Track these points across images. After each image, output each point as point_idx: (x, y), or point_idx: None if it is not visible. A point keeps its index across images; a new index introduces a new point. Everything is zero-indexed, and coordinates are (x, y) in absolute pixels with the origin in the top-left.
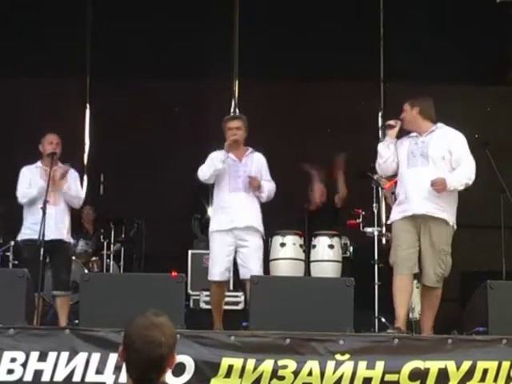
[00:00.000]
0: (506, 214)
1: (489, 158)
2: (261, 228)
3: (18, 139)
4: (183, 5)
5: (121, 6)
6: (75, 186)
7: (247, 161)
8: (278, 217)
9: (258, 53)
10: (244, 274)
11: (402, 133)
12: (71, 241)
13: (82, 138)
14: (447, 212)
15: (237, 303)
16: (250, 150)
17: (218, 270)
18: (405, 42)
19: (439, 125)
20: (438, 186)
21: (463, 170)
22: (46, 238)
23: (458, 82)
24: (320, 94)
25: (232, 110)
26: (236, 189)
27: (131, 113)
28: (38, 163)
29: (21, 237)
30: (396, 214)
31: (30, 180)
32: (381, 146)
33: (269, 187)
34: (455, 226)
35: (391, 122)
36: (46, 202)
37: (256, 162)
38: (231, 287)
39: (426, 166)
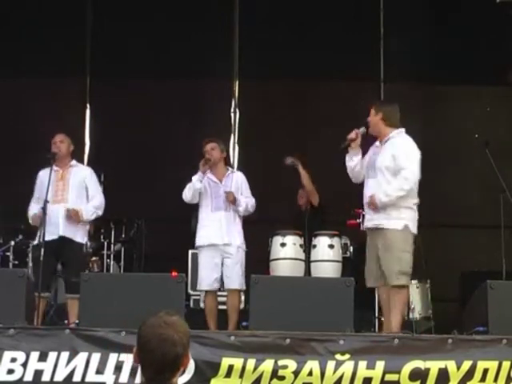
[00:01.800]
0: (506, 214)
1: (489, 158)
2: (242, 244)
3: (18, 139)
4: (183, 5)
5: (121, 6)
6: (92, 210)
7: (227, 181)
8: (278, 217)
9: (258, 53)
10: (226, 283)
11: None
12: (84, 241)
13: (82, 138)
14: (396, 219)
15: None
16: (230, 170)
17: (205, 281)
18: (405, 42)
19: (397, 131)
20: (372, 205)
21: (396, 182)
22: (54, 237)
23: (458, 82)
24: (320, 94)
25: (232, 111)
26: (218, 208)
27: (131, 113)
28: (54, 166)
29: (35, 241)
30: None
31: (40, 184)
32: (346, 158)
33: (246, 202)
34: (412, 230)
35: (352, 136)
36: (46, 202)
37: (235, 182)
38: None
39: (374, 178)
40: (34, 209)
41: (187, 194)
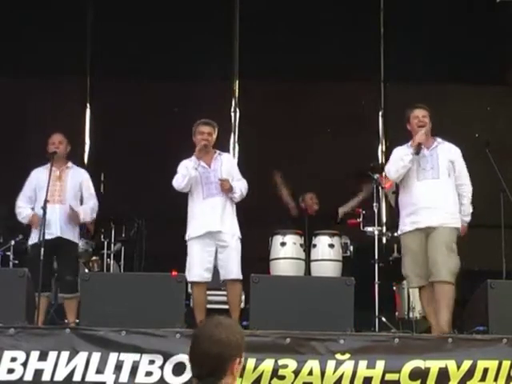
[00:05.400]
0: (506, 214)
1: (489, 158)
2: (237, 231)
3: (18, 139)
4: (183, 5)
5: (121, 6)
6: (90, 212)
7: (216, 165)
8: (277, 216)
9: (258, 53)
10: (223, 275)
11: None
12: (78, 241)
13: (82, 138)
14: (457, 218)
15: None
16: (217, 152)
17: (194, 271)
18: (405, 42)
19: (439, 140)
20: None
21: (467, 189)
22: (51, 236)
23: (457, 81)
24: (320, 94)
25: (232, 110)
26: (210, 195)
27: (131, 113)
28: (48, 164)
29: (31, 241)
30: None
31: (35, 183)
32: (410, 159)
33: (240, 186)
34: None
35: (423, 138)
36: (46, 202)
37: (225, 164)
38: None
39: (437, 179)
40: (23, 207)
41: (181, 183)
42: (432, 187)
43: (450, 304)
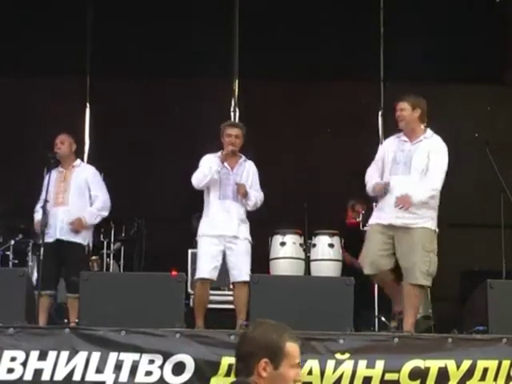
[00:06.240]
0: (506, 213)
1: (489, 158)
2: (248, 236)
3: (18, 139)
4: (183, 5)
5: (121, 6)
6: (95, 215)
7: (239, 170)
8: (277, 216)
9: (258, 53)
10: (234, 276)
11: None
12: (85, 242)
13: (82, 138)
14: (426, 218)
15: None
16: (243, 158)
17: (206, 267)
18: (405, 42)
19: (428, 134)
20: (404, 203)
21: (428, 181)
22: (51, 239)
23: (457, 81)
24: (320, 94)
25: (232, 110)
26: (225, 196)
27: (131, 113)
28: (59, 167)
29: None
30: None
31: (47, 185)
32: (371, 186)
33: (256, 196)
34: (437, 230)
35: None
36: (45, 202)
37: (247, 172)
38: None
39: (408, 175)
40: (37, 211)
41: (202, 181)
42: (400, 183)
43: (416, 306)
